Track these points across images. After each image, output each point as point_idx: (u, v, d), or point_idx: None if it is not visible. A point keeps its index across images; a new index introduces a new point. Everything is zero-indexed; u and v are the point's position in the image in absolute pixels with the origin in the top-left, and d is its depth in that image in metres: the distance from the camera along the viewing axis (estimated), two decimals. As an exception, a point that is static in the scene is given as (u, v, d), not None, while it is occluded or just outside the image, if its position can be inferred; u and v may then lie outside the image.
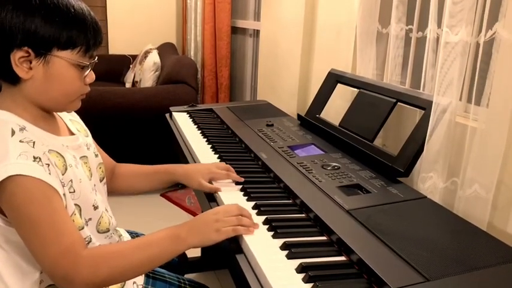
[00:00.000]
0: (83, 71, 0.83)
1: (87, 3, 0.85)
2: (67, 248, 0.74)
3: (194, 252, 1.88)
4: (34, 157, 0.76)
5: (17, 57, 0.76)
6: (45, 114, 0.86)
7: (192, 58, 3.32)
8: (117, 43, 3.89)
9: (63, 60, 0.79)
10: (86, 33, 0.80)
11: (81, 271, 0.74)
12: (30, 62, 0.78)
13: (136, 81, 3.30)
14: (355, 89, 1.42)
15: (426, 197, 1.00)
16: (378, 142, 1.28)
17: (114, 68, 3.64)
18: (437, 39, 1.17)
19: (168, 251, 0.82)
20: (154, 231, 0.86)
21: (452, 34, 1.05)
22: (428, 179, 1.12)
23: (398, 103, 1.24)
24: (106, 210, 0.98)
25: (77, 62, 0.81)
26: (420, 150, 1.10)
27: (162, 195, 2.61)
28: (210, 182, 1.08)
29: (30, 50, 0.77)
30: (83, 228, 0.86)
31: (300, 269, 0.74)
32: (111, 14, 3.89)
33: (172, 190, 2.63)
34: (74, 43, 0.79)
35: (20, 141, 0.77)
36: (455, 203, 1.08)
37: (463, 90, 1.09)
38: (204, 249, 1.98)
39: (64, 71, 0.80)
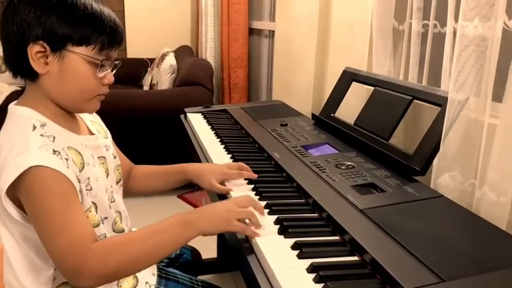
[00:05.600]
0: (98, 69, 0.84)
1: (106, 8, 0.87)
2: (76, 240, 0.74)
3: (210, 254, 1.89)
4: (54, 150, 0.78)
5: (34, 52, 0.79)
6: (65, 113, 0.88)
7: (208, 60, 3.33)
8: (135, 47, 3.95)
9: (77, 56, 0.81)
10: (101, 31, 0.82)
11: (91, 263, 0.74)
12: (47, 58, 0.80)
13: (154, 84, 3.33)
14: (370, 87, 1.39)
15: (443, 195, 0.98)
16: (393, 141, 1.25)
17: (133, 71, 3.69)
18: (455, 34, 1.13)
19: (178, 237, 0.81)
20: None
21: (469, 28, 1.02)
22: (446, 178, 1.09)
23: (414, 100, 1.21)
24: (123, 211, 0.99)
25: (91, 58, 0.82)
26: (437, 148, 1.07)
27: (179, 196, 2.62)
28: (222, 183, 1.08)
29: (45, 45, 0.79)
30: (98, 225, 0.87)
31: (311, 269, 0.72)
32: (129, 18, 3.95)
33: (189, 191, 2.64)
34: (88, 40, 0.81)
35: (41, 135, 0.79)
36: (474, 202, 1.05)
37: (482, 86, 1.06)
38: (220, 250, 1.98)
39: (78, 67, 0.82)
